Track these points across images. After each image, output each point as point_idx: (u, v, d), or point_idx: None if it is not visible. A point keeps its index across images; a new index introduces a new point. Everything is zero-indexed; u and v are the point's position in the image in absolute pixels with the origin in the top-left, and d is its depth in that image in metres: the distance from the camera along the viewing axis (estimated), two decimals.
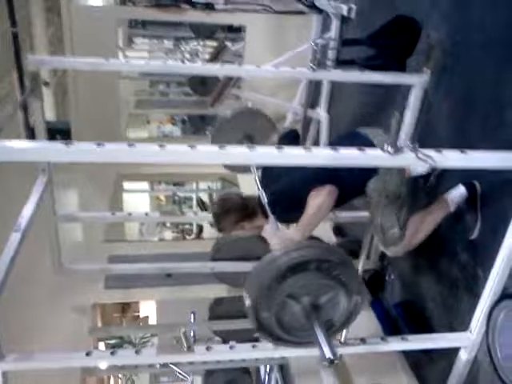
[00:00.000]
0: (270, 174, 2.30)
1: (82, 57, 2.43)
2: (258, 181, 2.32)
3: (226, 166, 3.10)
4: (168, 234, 9.83)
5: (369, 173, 2.14)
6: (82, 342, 3.10)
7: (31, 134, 3.00)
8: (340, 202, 2.21)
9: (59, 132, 4.68)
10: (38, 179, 2.58)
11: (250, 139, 2.91)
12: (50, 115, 6.02)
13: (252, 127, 2.91)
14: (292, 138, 2.68)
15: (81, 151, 1.36)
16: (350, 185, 2.16)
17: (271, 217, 2.12)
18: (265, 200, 2.19)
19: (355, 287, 1.63)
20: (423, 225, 2.26)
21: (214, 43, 5.82)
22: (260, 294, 1.57)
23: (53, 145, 1.36)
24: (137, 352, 1.94)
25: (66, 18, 4.22)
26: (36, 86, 2.32)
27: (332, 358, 1.47)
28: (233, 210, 2.32)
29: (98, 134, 4.17)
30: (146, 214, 3.43)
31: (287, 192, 2.16)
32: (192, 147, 1.40)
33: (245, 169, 2.97)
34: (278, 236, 2.17)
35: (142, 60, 2.56)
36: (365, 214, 2.29)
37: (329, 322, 1.67)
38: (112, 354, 1.95)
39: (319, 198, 2.04)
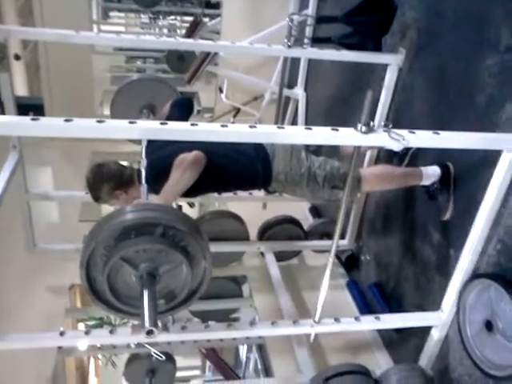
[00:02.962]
0: (154, 143, 2.15)
1: (51, 28, 2.35)
2: (143, 148, 2.18)
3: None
4: None
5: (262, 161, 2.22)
6: (58, 324, 3.08)
7: (1, 110, 2.92)
8: (228, 184, 2.30)
9: (32, 108, 4.56)
10: (9, 156, 2.52)
11: (152, 108, 2.82)
12: (23, 91, 5.87)
13: (153, 96, 2.81)
14: (183, 105, 2.59)
15: (48, 126, 1.35)
16: (233, 166, 2.19)
17: (143, 185, 2.00)
18: (142, 169, 2.08)
19: (202, 258, 1.56)
20: (390, 174, 2.34)
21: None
22: (94, 251, 1.48)
23: (20, 119, 1.35)
24: (111, 332, 1.95)
25: None
26: (3, 58, 2.24)
27: (150, 328, 1.41)
28: (107, 178, 2.19)
29: (71, 111, 4.08)
30: None
31: (160, 161, 2.06)
32: (163, 124, 1.39)
33: None
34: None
35: (113, 33, 2.47)
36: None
37: (170, 292, 1.61)
38: (86, 333, 1.96)
39: (184, 163, 1.97)
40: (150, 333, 1.42)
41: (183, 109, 2.56)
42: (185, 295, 1.65)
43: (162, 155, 2.07)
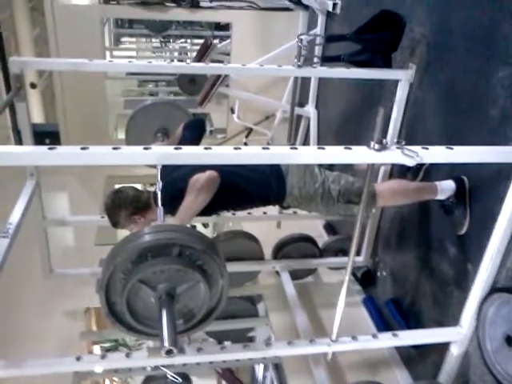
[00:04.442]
0: (169, 166, 2.12)
1: (65, 58, 2.41)
2: (159, 172, 2.22)
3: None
4: None
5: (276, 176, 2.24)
6: (74, 347, 3.08)
7: (19, 138, 2.98)
8: (243, 202, 2.31)
9: (48, 135, 4.64)
10: (26, 183, 2.57)
11: (166, 132, 2.88)
12: (39, 118, 5.98)
13: (167, 119, 2.88)
14: (195, 127, 2.61)
15: (65, 155, 1.36)
16: (247, 184, 2.20)
17: (160, 208, 1.97)
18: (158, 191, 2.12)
19: (219, 276, 1.56)
20: (404, 189, 2.33)
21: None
22: (112, 275, 1.48)
23: (37, 149, 1.36)
24: (127, 355, 1.94)
25: (49, 18, 4.17)
26: (20, 88, 2.30)
27: (170, 347, 1.39)
28: (124, 204, 2.22)
29: (86, 136, 4.17)
30: None
31: (175, 183, 2.07)
32: (177, 149, 1.41)
33: None
34: None
35: (125, 60, 2.53)
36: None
37: (188, 312, 1.61)
38: (102, 357, 1.95)
39: (198, 183, 1.99)
40: (169, 352, 1.41)
41: (195, 130, 2.59)
42: (203, 314, 1.65)
43: (176, 177, 2.09)
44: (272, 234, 3.22)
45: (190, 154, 1.43)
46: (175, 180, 2.09)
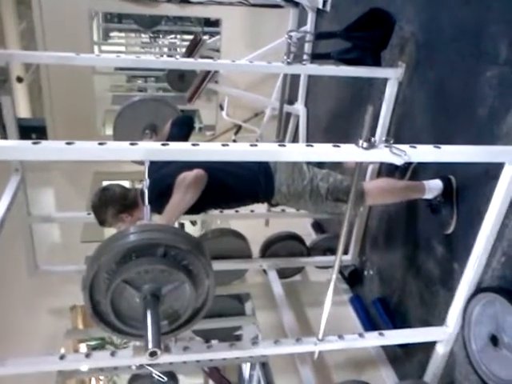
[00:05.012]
0: (157, 163, 2.18)
1: (51, 51, 2.37)
2: (147, 169, 2.21)
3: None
4: None
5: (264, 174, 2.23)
6: (59, 345, 3.05)
7: (4, 133, 2.94)
8: (231, 199, 2.29)
9: (34, 130, 4.59)
10: (11, 179, 2.53)
11: (154, 129, 2.86)
12: (26, 113, 5.91)
13: (156, 116, 2.86)
14: (183, 123, 2.61)
15: (50, 150, 1.34)
16: (235, 181, 2.19)
17: (146, 206, 1.94)
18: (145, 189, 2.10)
19: (205, 276, 1.54)
20: (392, 187, 2.32)
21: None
22: (97, 274, 1.46)
23: (21, 143, 1.33)
24: (112, 354, 1.92)
25: (36, 11, 4.10)
26: (5, 81, 2.26)
27: (153, 349, 1.38)
28: (111, 202, 2.21)
29: (74, 132, 4.11)
30: None
31: (162, 181, 2.06)
32: (164, 145, 1.38)
33: None
34: None
35: (113, 54, 2.50)
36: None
37: (173, 313, 1.60)
38: (87, 356, 1.93)
39: (185, 182, 1.98)
40: (153, 354, 1.39)
41: (183, 127, 2.57)
42: (188, 315, 1.63)
43: (165, 173, 2.07)
44: (260, 232, 3.21)
45: (177, 150, 1.41)
46: (164, 176, 2.07)
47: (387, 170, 2.68)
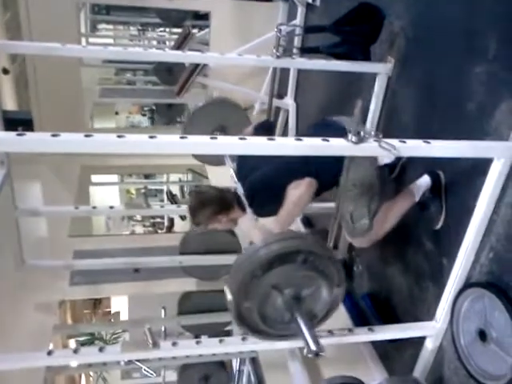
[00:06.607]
0: (244, 166, 2.26)
1: (37, 42, 2.33)
2: (234, 173, 2.26)
3: (197, 157, 3.05)
4: (139, 229, 9.65)
5: (341, 164, 2.13)
6: (48, 341, 3.03)
7: None
8: (316, 194, 2.19)
9: (20, 122, 4.52)
10: None
11: (223, 130, 2.87)
12: (12, 105, 5.82)
13: (225, 118, 2.87)
14: (266, 129, 2.64)
15: (35, 141, 1.32)
16: (324, 176, 2.14)
17: (248, 209, 2.06)
18: (241, 192, 2.14)
19: (337, 279, 1.63)
20: (389, 216, 2.25)
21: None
22: (242, 286, 1.54)
23: (5, 135, 1.31)
24: (100, 349, 1.90)
25: (22, 2, 4.04)
26: None
27: (317, 350, 1.46)
28: (209, 203, 2.25)
29: (61, 125, 4.04)
30: (111, 208, 3.33)
31: (264, 184, 2.13)
32: (152, 137, 1.36)
33: (218, 161, 2.93)
34: (258, 228, 2.16)
35: (100, 46, 2.46)
36: (332, 204, 2.26)
37: (310, 313, 1.66)
38: (75, 352, 1.90)
39: (299, 190, 2.03)
40: (317, 355, 1.46)
41: (266, 132, 2.58)
42: (323, 314, 1.72)
43: (265, 178, 2.13)
44: None
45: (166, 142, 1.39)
46: (267, 177, 2.12)
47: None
